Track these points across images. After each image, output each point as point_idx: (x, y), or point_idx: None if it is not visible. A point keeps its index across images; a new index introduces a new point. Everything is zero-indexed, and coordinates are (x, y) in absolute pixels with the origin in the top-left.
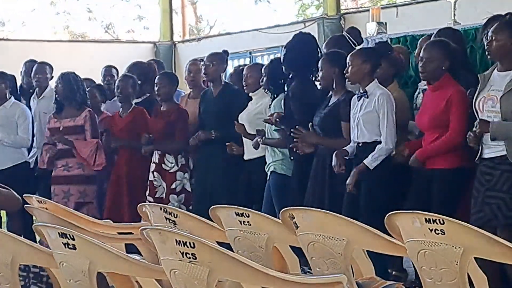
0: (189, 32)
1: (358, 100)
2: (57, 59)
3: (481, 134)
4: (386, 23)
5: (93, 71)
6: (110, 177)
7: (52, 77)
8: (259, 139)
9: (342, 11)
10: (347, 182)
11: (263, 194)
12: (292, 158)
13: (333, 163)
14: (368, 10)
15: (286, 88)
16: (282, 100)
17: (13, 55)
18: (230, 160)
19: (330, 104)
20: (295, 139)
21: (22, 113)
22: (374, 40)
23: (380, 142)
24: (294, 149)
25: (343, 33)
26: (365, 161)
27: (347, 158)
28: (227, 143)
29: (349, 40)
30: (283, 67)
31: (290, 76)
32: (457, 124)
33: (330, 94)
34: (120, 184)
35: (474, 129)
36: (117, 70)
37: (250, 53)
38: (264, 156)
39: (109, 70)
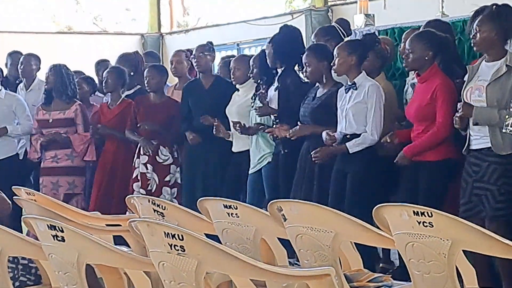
0: (177, 24)
1: (346, 92)
2: (44, 51)
3: (465, 117)
4: (373, 15)
5: (80, 63)
6: (97, 168)
7: (39, 68)
8: (261, 127)
9: (329, 3)
10: (318, 151)
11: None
12: (285, 151)
13: (324, 139)
14: (356, 2)
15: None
16: (274, 93)
17: (1, 46)
18: (218, 152)
19: (319, 95)
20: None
21: (19, 102)
22: (361, 32)
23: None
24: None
25: (333, 24)
26: (347, 144)
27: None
28: (215, 123)
29: (339, 30)
30: (269, 61)
31: (282, 70)
32: (443, 117)
33: (316, 86)
34: (107, 175)
35: (457, 113)
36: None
37: (238, 44)
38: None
39: (104, 65)
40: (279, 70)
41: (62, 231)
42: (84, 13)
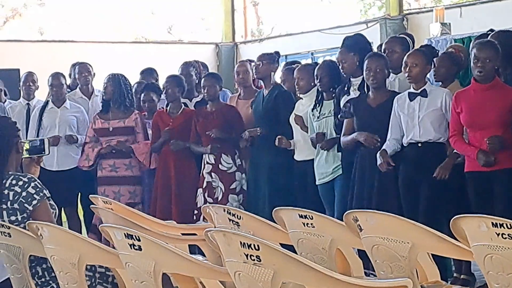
0: (251, 33)
1: (411, 100)
2: (121, 60)
3: None
4: (450, 23)
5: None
6: (156, 177)
7: (93, 77)
8: (322, 144)
9: (404, 12)
10: (441, 166)
11: (315, 195)
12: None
13: (378, 163)
14: (432, 11)
15: (353, 91)
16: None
17: (78, 56)
18: (282, 159)
19: (378, 103)
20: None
21: (82, 113)
22: (438, 41)
23: (442, 143)
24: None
25: (402, 35)
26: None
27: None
28: (278, 136)
29: (408, 41)
30: (343, 72)
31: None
32: None
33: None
34: (168, 184)
35: None
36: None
37: (312, 53)
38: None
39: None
40: (353, 79)
41: (139, 240)
42: (159, 23)
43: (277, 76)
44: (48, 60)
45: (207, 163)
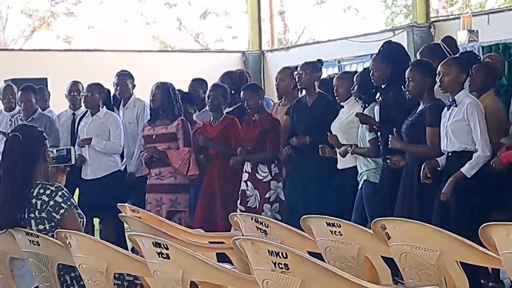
0: (277, 41)
1: (448, 110)
2: (148, 69)
3: None
4: (477, 31)
5: (183, 81)
6: (202, 185)
7: (134, 86)
8: (349, 148)
9: (432, 19)
10: (443, 190)
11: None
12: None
13: (421, 173)
14: (459, 18)
15: (380, 97)
16: (377, 108)
17: (106, 65)
18: (323, 169)
19: (417, 111)
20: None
21: (114, 120)
22: (465, 48)
23: (469, 151)
24: (387, 161)
25: (439, 42)
26: (462, 169)
27: (438, 169)
28: (320, 145)
29: (444, 48)
30: (373, 81)
31: (384, 86)
32: None
33: (419, 103)
34: (212, 193)
35: None
36: (205, 82)
37: (339, 61)
38: (357, 166)
39: (199, 84)
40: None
41: (167, 249)
42: (186, 31)
43: None
44: (75, 69)
45: (245, 171)
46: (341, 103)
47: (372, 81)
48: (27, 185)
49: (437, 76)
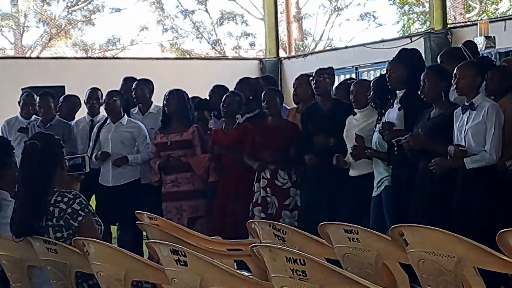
0: (295, 48)
1: (463, 113)
2: (165, 76)
3: None
4: (494, 37)
5: (200, 88)
6: (218, 193)
7: (153, 92)
8: (367, 152)
9: (449, 25)
10: (435, 163)
11: (369, 211)
12: (396, 151)
13: (452, 152)
14: (476, 24)
15: (396, 103)
16: (399, 114)
17: (123, 73)
18: (338, 176)
19: (434, 116)
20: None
21: (139, 129)
22: (482, 55)
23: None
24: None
25: (460, 46)
26: (465, 158)
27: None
28: (336, 154)
29: (465, 52)
30: (389, 84)
31: (404, 92)
32: None
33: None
34: (229, 199)
35: None
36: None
37: (356, 68)
38: (372, 173)
39: (217, 91)
40: (398, 92)
41: (185, 256)
42: (203, 38)
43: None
44: (92, 77)
45: (263, 177)
46: (356, 110)
47: (388, 84)
48: (44, 192)
49: (453, 79)
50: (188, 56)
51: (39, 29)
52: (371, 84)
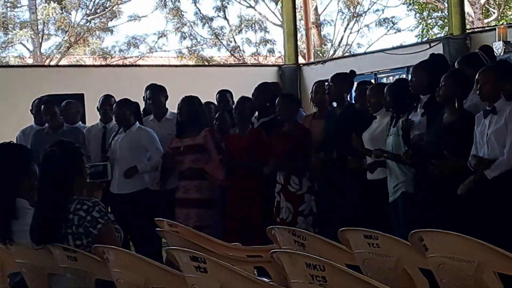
0: (314, 54)
1: (485, 117)
2: (184, 84)
3: None
4: None
5: None
6: (227, 199)
7: (167, 98)
8: (384, 155)
9: (467, 31)
10: (461, 187)
11: (385, 215)
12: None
13: (472, 163)
14: (495, 29)
15: (419, 108)
16: (421, 119)
17: (142, 80)
18: (352, 181)
19: (447, 121)
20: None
21: (148, 135)
22: (500, 59)
23: None
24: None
25: (476, 51)
26: (485, 171)
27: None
28: (349, 157)
29: (482, 57)
30: (411, 88)
31: (429, 97)
32: None
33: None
34: (239, 205)
35: None
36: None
37: (375, 74)
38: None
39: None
40: (422, 97)
41: (205, 263)
42: (222, 45)
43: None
44: (111, 84)
45: (277, 182)
46: (374, 114)
47: (410, 88)
48: (64, 200)
49: (475, 84)
50: (207, 63)
51: (58, 37)
52: (385, 89)
